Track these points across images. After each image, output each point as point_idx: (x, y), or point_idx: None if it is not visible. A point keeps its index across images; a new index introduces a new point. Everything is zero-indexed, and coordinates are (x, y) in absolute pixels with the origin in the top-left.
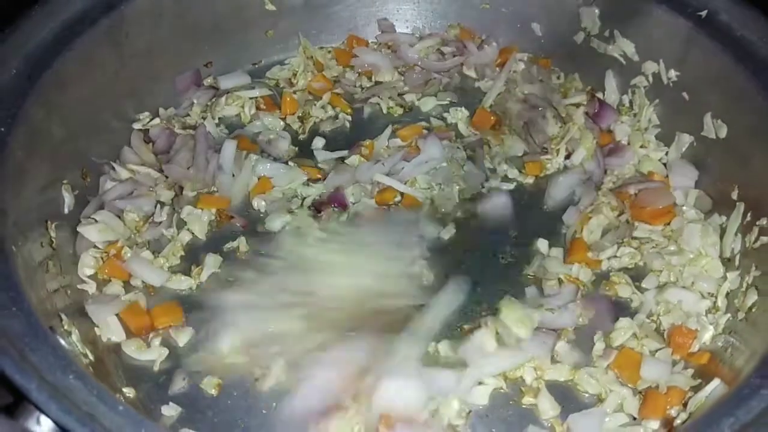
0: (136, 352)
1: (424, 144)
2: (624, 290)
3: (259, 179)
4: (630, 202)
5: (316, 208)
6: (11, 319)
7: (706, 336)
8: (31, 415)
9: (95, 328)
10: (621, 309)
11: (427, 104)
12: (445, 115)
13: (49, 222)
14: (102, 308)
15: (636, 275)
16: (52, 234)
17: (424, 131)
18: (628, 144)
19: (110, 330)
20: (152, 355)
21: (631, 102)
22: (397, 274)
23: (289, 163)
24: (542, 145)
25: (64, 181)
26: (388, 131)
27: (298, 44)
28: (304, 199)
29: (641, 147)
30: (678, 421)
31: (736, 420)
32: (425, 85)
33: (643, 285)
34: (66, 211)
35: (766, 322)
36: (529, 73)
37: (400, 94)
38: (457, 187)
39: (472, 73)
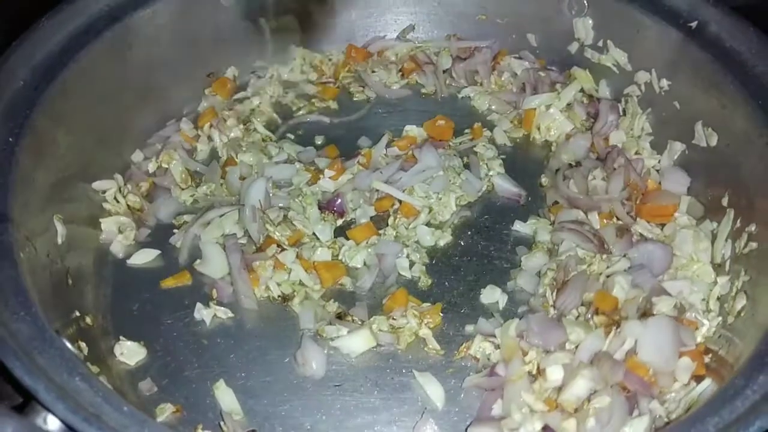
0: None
1: (421, 153)
2: (620, 292)
3: None
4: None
5: (320, 208)
6: (20, 323)
7: (704, 329)
8: (38, 414)
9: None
10: None
11: None
12: None
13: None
14: None
15: None
16: (59, 241)
17: (419, 140)
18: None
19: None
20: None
21: (624, 110)
22: None
23: (296, 164)
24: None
25: (57, 214)
26: (384, 140)
27: (293, 58)
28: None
29: (636, 154)
30: (666, 420)
31: (721, 420)
32: None
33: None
34: (60, 241)
35: (753, 325)
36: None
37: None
38: (455, 196)
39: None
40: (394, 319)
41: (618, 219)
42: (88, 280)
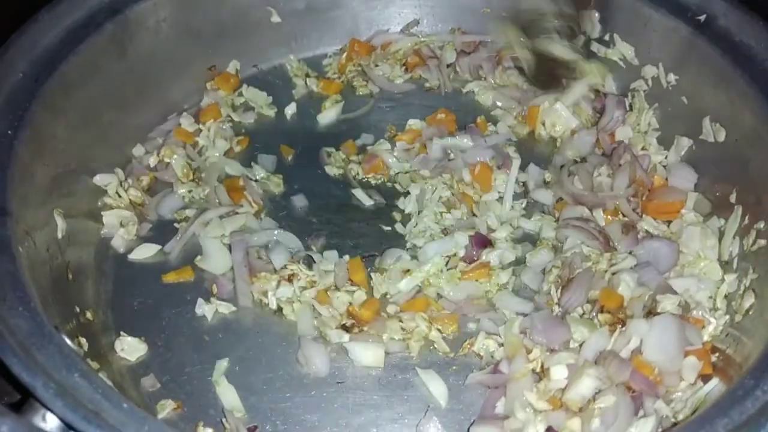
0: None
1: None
2: (626, 290)
3: None
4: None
5: None
6: (18, 318)
7: (711, 328)
8: (37, 412)
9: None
10: None
11: None
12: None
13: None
14: None
15: None
16: (59, 235)
17: (425, 133)
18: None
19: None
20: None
21: (630, 105)
22: None
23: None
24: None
25: (57, 208)
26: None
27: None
28: None
29: (642, 149)
30: (673, 420)
31: (730, 421)
32: None
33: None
34: (60, 235)
35: (762, 324)
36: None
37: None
38: None
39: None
40: (401, 321)
41: (624, 216)
42: (88, 275)
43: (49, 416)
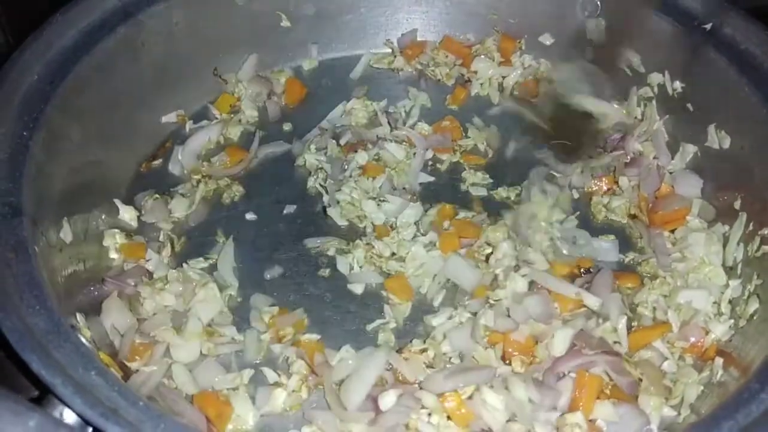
0: None
1: None
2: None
3: None
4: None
5: None
6: (36, 317)
7: (713, 336)
8: (55, 408)
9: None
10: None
11: None
12: None
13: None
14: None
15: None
16: (71, 235)
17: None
18: (641, 155)
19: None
20: None
21: (643, 114)
22: None
23: None
24: None
25: (71, 209)
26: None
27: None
28: None
29: (654, 158)
30: (681, 420)
31: (736, 423)
32: None
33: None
34: (72, 235)
35: (766, 329)
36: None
37: None
38: None
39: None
40: None
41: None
42: (99, 275)
43: (67, 412)
